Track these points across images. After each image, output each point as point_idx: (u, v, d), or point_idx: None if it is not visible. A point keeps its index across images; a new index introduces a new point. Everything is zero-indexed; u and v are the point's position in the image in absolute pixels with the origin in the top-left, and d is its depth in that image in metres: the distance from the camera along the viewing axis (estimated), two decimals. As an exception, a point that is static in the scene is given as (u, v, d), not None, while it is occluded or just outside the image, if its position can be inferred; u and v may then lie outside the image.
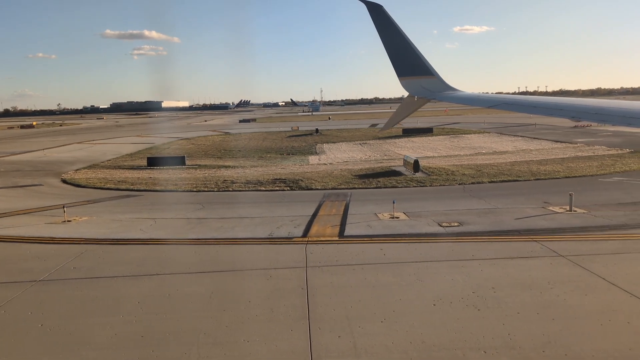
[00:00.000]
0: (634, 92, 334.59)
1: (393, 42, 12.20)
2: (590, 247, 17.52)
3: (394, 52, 12.30)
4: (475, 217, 22.72)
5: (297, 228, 21.29)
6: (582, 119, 8.66)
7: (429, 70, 12.20)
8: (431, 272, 15.43)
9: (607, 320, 11.74)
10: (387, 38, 12.22)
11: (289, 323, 11.89)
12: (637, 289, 13.52)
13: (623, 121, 7.13)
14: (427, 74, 12.18)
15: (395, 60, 12.31)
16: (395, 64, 12.33)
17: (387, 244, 18.80)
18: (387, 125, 16.19)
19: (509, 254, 17.09)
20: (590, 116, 8.02)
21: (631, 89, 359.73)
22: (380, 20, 12.16)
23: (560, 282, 14.26)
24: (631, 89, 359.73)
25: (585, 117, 8.19)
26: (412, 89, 12.40)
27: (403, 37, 12.12)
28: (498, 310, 12.48)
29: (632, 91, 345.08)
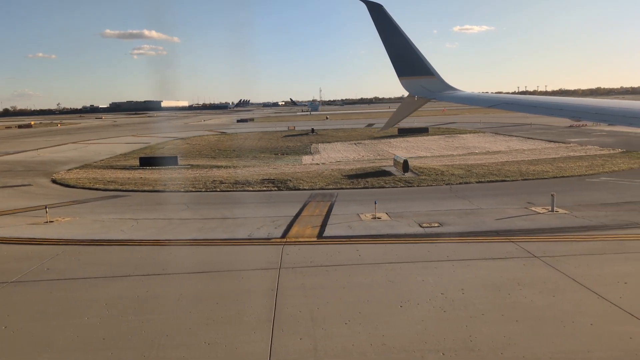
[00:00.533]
0: (633, 91, 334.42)
1: (393, 42, 12.22)
2: (566, 248, 17.52)
3: (394, 52, 12.32)
4: (456, 217, 22.71)
5: (278, 229, 21.29)
6: (582, 119, 8.67)
7: (429, 70, 12.23)
8: (404, 273, 15.43)
9: (571, 322, 11.74)
10: (387, 38, 12.25)
11: (252, 325, 11.89)
12: (606, 290, 13.52)
13: (623, 121, 7.12)
14: (427, 73, 12.21)
15: (396, 60, 12.33)
16: (396, 64, 12.35)
17: (364, 245, 18.80)
18: (387, 125, 16.23)
19: (483, 255, 17.10)
20: (591, 116, 8.03)
21: (631, 89, 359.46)
22: (380, 20, 12.18)
23: (530, 284, 14.27)
24: (631, 89, 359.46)
25: (585, 117, 8.18)
26: (412, 89, 12.42)
27: (403, 37, 12.14)
28: (464, 311, 12.48)
29: (631, 91, 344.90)
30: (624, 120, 7.11)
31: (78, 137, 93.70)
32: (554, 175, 35.37)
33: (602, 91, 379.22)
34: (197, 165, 52.04)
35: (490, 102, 10.44)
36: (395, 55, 12.31)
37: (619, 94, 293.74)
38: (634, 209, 22.95)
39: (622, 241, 18.17)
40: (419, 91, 12.28)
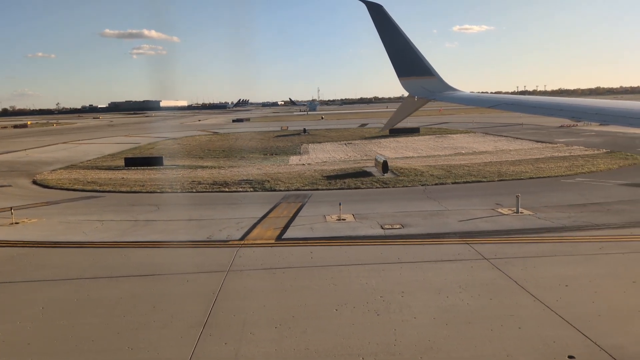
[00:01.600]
0: (633, 91, 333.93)
1: (393, 42, 12.22)
2: (518, 250, 17.51)
3: (394, 52, 12.32)
4: (420, 219, 22.69)
5: (239, 231, 21.29)
6: (582, 119, 8.64)
7: (429, 70, 12.21)
8: (350, 276, 15.42)
9: (500, 326, 11.73)
10: (387, 38, 12.24)
11: (182, 329, 11.88)
12: (544, 293, 13.52)
13: (623, 121, 7.08)
14: (427, 74, 12.20)
15: (396, 60, 12.32)
16: (396, 64, 12.34)
17: (319, 247, 18.79)
18: (387, 125, 16.22)
19: (434, 257, 17.09)
20: (591, 116, 7.99)
21: (630, 88, 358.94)
22: (380, 20, 12.17)
23: (472, 286, 14.26)
24: (630, 88, 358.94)
25: (585, 118, 8.16)
26: (412, 89, 12.41)
27: (403, 37, 12.13)
28: (397, 315, 12.47)
29: (631, 90, 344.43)
30: (623, 121, 7.10)
31: (70, 137, 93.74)
32: (531, 176, 35.35)
33: (602, 91, 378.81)
34: (183, 166, 52.06)
35: (490, 103, 10.42)
36: (395, 56, 12.32)
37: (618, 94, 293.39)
38: (598, 210, 22.92)
39: (576, 243, 18.15)
40: (418, 91, 12.30)
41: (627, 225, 20.14)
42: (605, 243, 17.88)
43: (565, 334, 11.19)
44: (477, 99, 11.77)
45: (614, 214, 22.28)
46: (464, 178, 35.70)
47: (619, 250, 17.12)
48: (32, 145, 77.02)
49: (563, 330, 11.41)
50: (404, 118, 14.41)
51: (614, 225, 20.23)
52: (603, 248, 17.35)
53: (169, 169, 49.63)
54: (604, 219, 21.42)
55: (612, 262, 15.99)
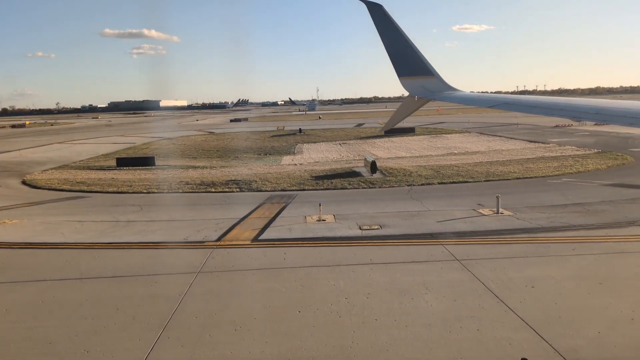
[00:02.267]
0: (632, 91, 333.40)
1: (393, 42, 12.19)
2: (490, 251, 17.49)
3: (394, 52, 12.29)
4: (400, 219, 22.68)
5: (217, 231, 21.29)
6: (582, 119, 8.73)
7: (429, 70, 12.19)
8: (319, 277, 15.42)
9: (458, 327, 11.72)
10: (387, 38, 12.21)
11: (140, 332, 11.87)
12: (509, 294, 13.51)
13: (624, 121, 7.05)
14: (427, 73, 12.16)
15: (396, 60, 12.29)
16: (396, 64, 12.31)
17: (294, 248, 18.80)
18: (387, 125, 16.18)
19: (406, 258, 17.08)
20: (591, 116, 7.97)
21: (630, 88, 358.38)
22: (380, 20, 12.14)
23: (438, 287, 14.25)
24: (630, 88, 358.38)
25: (585, 117, 8.15)
26: (413, 89, 12.38)
27: (403, 37, 12.11)
28: (359, 317, 12.46)
29: (630, 90, 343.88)
30: (624, 121, 7.06)
31: (66, 137, 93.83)
32: (518, 176, 35.33)
33: (602, 90, 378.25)
34: (175, 166, 52.12)
35: (490, 103, 10.38)
36: (395, 56, 12.29)
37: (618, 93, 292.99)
38: (578, 211, 22.90)
39: (549, 244, 18.14)
40: (419, 91, 12.27)
41: (603, 226, 20.12)
42: (578, 244, 17.86)
43: (522, 336, 11.17)
44: (477, 98, 11.78)
45: (593, 214, 22.26)
46: (452, 178, 35.68)
47: (591, 251, 17.10)
48: (27, 145, 77.10)
49: (521, 332, 11.39)
50: (405, 118, 14.40)
51: (590, 226, 20.21)
52: (575, 249, 17.33)
53: (160, 169, 49.66)
54: (582, 219, 21.40)
55: (582, 263, 15.98)
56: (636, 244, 17.69)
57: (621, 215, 21.87)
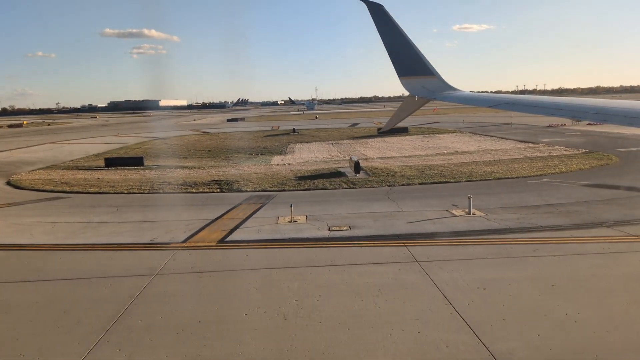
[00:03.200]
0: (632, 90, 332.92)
1: (393, 41, 12.17)
2: (452, 252, 17.45)
3: (395, 51, 12.27)
4: (371, 220, 22.63)
5: (186, 233, 21.26)
6: (582, 119, 8.65)
7: (429, 70, 12.17)
8: (274, 279, 15.38)
9: (400, 330, 11.68)
10: (387, 38, 12.18)
11: (82, 336, 11.82)
12: (459, 296, 13.47)
13: (624, 121, 7.00)
14: (427, 73, 12.14)
15: (396, 59, 12.26)
16: (396, 64, 12.28)
17: (258, 249, 18.77)
18: (387, 125, 16.18)
19: (367, 260, 17.04)
20: (591, 116, 7.92)
21: (629, 88, 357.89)
22: (380, 20, 12.13)
23: (391, 290, 14.20)
24: (629, 88, 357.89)
25: (585, 117, 8.06)
26: (413, 89, 12.34)
27: (404, 37, 12.10)
28: (304, 320, 12.42)
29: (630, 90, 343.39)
30: (624, 120, 7.00)
31: (60, 137, 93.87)
32: (499, 176, 35.23)
33: (601, 90, 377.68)
34: (163, 166, 52.06)
35: (490, 102, 10.33)
36: (395, 55, 12.26)
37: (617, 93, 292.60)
38: (549, 212, 22.82)
39: (512, 245, 18.07)
40: (419, 91, 12.22)
41: (570, 227, 20.06)
42: (541, 245, 17.82)
43: (461, 339, 11.12)
44: (477, 98, 11.71)
45: (564, 215, 22.19)
46: (434, 179, 35.59)
47: (552, 252, 17.06)
48: (20, 145, 77.12)
49: (461, 334, 11.34)
50: (405, 117, 14.35)
51: (557, 227, 20.15)
52: (537, 250, 17.28)
53: (148, 170, 49.61)
54: (551, 220, 21.34)
55: (540, 264, 15.93)
56: (599, 245, 17.60)
57: (592, 216, 21.79)
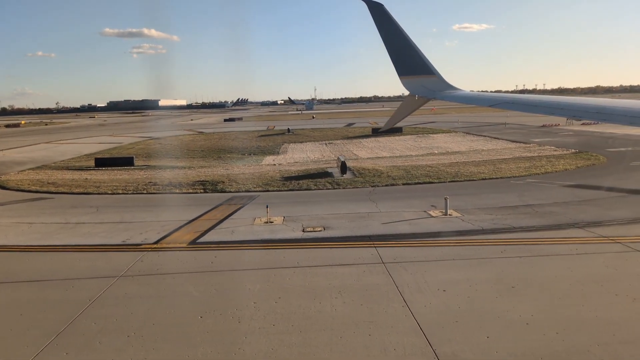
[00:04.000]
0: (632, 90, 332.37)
1: (394, 41, 12.16)
2: (419, 254, 17.40)
3: (395, 51, 12.26)
4: (347, 221, 22.59)
5: (160, 233, 21.25)
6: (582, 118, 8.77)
7: (429, 69, 12.16)
8: (238, 281, 15.40)
9: (352, 333, 11.64)
10: (388, 37, 12.17)
11: (33, 339, 11.78)
12: (417, 298, 13.45)
13: (625, 120, 7.00)
14: (427, 73, 12.13)
15: (396, 59, 12.26)
16: (396, 63, 12.28)
17: (227, 251, 18.77)
18: (387, 125, 16.20)
19: (334, 261, 17.00)
20: (592, 115, 7.95)
21: (629, 87, 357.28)
22: (381, 19, 12.14)
23: (351, 291, 14.17)
24: (629, 87, 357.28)
25: (586, 116, 8.09)
26: (413, 88, 12.35)
27: (404, 36, 12.09)
28: (258, 322, 12.44)
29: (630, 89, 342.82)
30: (624, 120, 7.01)
31: (55, 137, 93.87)
32: (484, 177, 35.18)
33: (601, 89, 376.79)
34: (153, 167, 52.03)
35: (491, 102, 10.29)
36: (395, 55, 12.26)
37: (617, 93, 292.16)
38: (526, 212, 22.78)
39: (480, 247, 18.02)
40: (419, 90, 12.23)
41: (543, 228, 20.02)
42: (509, 246, 17.77)
43: (410, 341, 11.08)
44: (477, 98, 11.70)
45: (540, 216, 22.14)
46: (419, 179, 35.54)
47: (519, 253, 17.01)
48: (13, 145, 77.15)
49: (412, 337, 11.30)
50: (405, 117, 14.32)
51: (530, 228, 20.13)
52: (505, 251, 17.23)
53: (138, 170, 49.59)
54: (526, 221, 21.30)
55: (505, 266, 15.88)
56: (567, 246, 17.54)
57: (567, 217, 21.73)
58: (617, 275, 14.56)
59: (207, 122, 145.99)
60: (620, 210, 22.66)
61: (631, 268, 15.09)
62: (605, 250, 16.90)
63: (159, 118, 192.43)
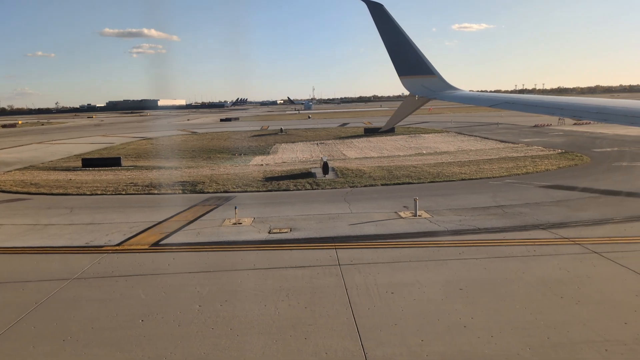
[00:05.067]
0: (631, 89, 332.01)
1: (394, 41, 12.18)
2: (377, 255, 17.34)
3: (395, 51, 12.27)
4: (315, 222, 22.51)
5: (126, 235, 21.19)
6: (583, 118, 8.69)
7: (429, 69, 12.17)
8: (188, 284, 15.32)
9: (289, 336, 11.60)
10: (388, 37, 12.19)
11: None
12: (363, 301, 13.44)
13: (625, 120, 7.01)
14: (428, 73, 12.15)
15: (396, 59, 12.27)
16: (396, 63, 12.29)
17: (187, 253, 18.71)
18: (388, 124, 16.25)
19: (291, 263, 16.96)
20: (592, 115, 7.91)
21: (629, 87, 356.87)
22: (381, 20, 12.14)
23: (299, 294, 14.11)
24: (629, 87, 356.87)
25: (586, 116, 8.07)
26: (413, 88, 12.36)
27: (404, 37, 12.09)
28: (197, 326, 12.37)
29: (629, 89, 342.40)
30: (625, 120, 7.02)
31: (48, 137, 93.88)
32: (465, 177, 35.06)
33: (601, 89, 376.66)
34: (140, 167, 51.97)
35: (491, 102, 10.31)
36: (396, 55, 12.26)
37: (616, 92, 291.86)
38: (495, 214, 22.69)
39: (440, 247, 17.92)
40: (419, 90, 12.25)
41: (506, 229, 19.95)
42: (468, 248, 17.69)
43: (344, 345, 11.01)
44: (478, 98, 11.68)
45: (508, 217, 22.04)
46: (399, 179, 35.43)
47: (476, 255, 16.92)
48: (5, 145, 77.14)
49: (347, 340, 11.23)
50: (405, 117, 14.40)
51: (493, 229, 20.04)
52: (462, 253, 17.14)
53: (124, 170, 49.51)
54: (492, 222, 21.21)
55: (459, 267, 15.81)
56: (526, 247, 17.47)
57: (534, 218, 21.63)
58: (567, 278, 14.46)
59: (203, 122, 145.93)
60: (588, 211, 22.55)
61: (583, 270, 14.97)
62: (562, 252, 16.80)
63: (156, 118, 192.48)
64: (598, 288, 13.69)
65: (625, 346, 10.41)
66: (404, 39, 12.07)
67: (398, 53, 12.21)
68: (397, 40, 12.12)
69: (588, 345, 10.52)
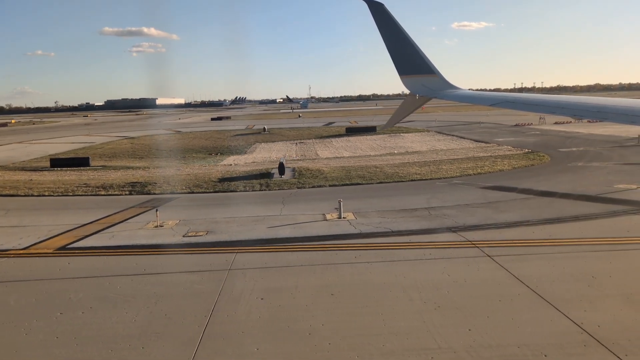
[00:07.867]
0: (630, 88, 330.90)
1: (394, 40, 12.14)
2: (272, 260, 17.14)
3: (395, 50, 12.24)
4: (236, 225, 22.24)
5: (39, 238, 20.99)
6: (583, 117, 8.71)
7: (430, 68, 12.12)
8: (66, 290, 15.01)
9: (127, 346, 11.31)
10: (388, 36, 12.16)
11: None
12: (228, 307, 13.25)
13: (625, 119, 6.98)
14: (428, 72, 12.10)
15: (397, 58, 12.23)
16: (397, 62, 12.25)
17: (89, 257, 18.49)
18: (388, 124, 16.23)
19: (183, 268, 16.78)
20: (592, 114, 7.88)
21: (628, 85, 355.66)
22: (381, 19, 12.10)
23: (168, 301, 13.92)
24: (628, 85, 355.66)
25: (586, 115, 8.02)
26: (414, 87, 12.32)
27: (404, 36, 12.04)
28: (45, 335, 12.10)
29: (628, 87, 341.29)
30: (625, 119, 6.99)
31: (31, 137, 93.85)
32: (415, 178, 34.74)
33: (600, 87, 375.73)
34: (109, 167, 51.86)
35: (491, 101, 10.24)
36: (396, 54, 12.22)
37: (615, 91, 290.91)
38: (420, 215, 22.40)
39: (338, 251, 17.65)
40: (420, 89, 12.20)
41: (418, 232, 19.64)
42: (366, 251, 17.40)
43: (176, 354, 10.73)
44: (478, 97, 11.61)
45: (429, 219, 21.75)
46: (352, 180, 35.13)
47: (370, 259, 16.60)
48: (-16, 146, 77.10)
49: (182, 350, 10.98)
50: (406, 116, 14.32)
51: (406, 232, 19.75)
52: (358, 257, 16.85)
53: (90, 170, 49.37)
54: (410, 224, 20.93)
55: (345, 271, 15.53)
56: (422, 250, 17.16)
57: (453, 220, 21.33)
58: (444, 282, 14.15)
59: (193, 121, 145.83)
60: (509, 213, 22.22)
61: (464, 274, 14.64)
62: (456, 256, 16.50)
63: (150, 117, 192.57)
64: (467, 293, 13.36)
65: (454, 354, 10.10)
66: (404, 39, 12.05)
67: (398, 52, 12.20)
68: (398, 40, 12.10)
69: (417, 352, 10.21)
